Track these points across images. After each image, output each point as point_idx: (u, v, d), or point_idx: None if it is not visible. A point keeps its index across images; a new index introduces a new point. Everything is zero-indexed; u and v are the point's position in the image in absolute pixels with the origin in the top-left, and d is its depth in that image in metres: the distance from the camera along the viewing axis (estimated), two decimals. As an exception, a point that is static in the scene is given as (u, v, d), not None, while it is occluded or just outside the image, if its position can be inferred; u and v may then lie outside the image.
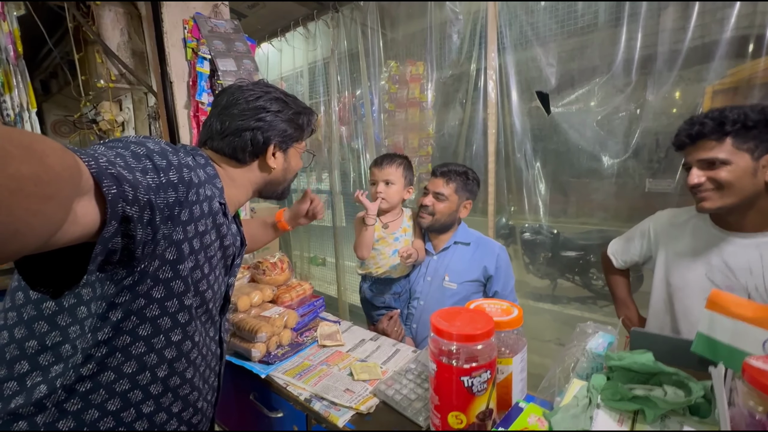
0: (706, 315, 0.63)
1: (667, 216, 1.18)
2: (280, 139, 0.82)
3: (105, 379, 0.63)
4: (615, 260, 1.31)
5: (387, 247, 1.48)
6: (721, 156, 0.92)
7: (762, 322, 0.56)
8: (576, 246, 3.20)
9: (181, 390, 0.72)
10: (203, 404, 0.80)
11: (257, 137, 0.79)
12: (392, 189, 1.45)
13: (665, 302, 1.11)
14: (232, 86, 0.83)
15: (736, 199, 0.93)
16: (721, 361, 0.61)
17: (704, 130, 0.94)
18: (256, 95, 0.80)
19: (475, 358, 0.68)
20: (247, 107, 0.79)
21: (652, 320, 1.16)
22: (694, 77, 1.55)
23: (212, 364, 0.82)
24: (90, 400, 0.62)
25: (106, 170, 0.46)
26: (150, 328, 0.65)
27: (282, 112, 0.81)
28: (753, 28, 1.40)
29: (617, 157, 1.77)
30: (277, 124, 0.81)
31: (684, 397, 0.55)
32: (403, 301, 1.53)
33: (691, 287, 1.04)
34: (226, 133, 0.78)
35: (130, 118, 1.81)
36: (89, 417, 0.63)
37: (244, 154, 0.79)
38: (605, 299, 3.15)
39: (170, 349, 0.68)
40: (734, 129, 0.91)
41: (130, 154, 0.54)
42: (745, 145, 0.91)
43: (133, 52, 1.69)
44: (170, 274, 0.63)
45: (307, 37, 2.83)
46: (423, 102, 2.59)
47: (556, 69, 1.79)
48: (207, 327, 0.78)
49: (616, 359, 0.63)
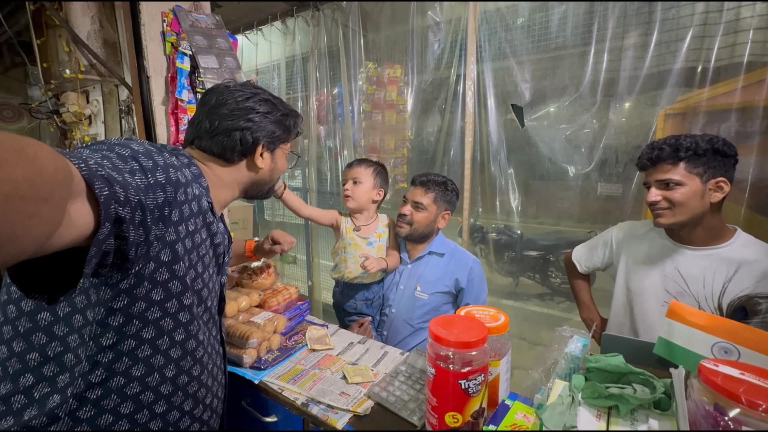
0: (666, 322, 0.74)
1: (627, 228, 1.31)
2: (268, 140, 0.83)
3: (115, 384, 0.63)
4: (579, 266, 1.44)
5: (359, 251, 1.47)
6: (675, 178, 1.06)
7: (711, 329, 0.67)
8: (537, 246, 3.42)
9: (190, 387, 0.74)
10: (213, 401, 0.81)
11: (246, 137, 0.80)
12: (360, 188, 1.45)
13: (624, 306, 1.25)
14: (219, 86, 0.83)
15: (687, 217, 1.07)
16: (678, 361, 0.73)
17: (662, 155, 1.07)
18: (245, 96, 0.81)
19: (470, 362, 0.74)
20: (236, 107, 0.79)
21: (613, 321, 1.30)
22: (649, 101, 1.73)
23: (218, 362, 0.83)
24: (102, 405, 0.63)
25: (97, 172, 0.46)
26: (153, 331, 0.65)
27: (271, 114, 0.83)
28: (699, 62, 1.60)
29: (582, 168, 1.93)
30: (265, 125, 0.82)
31: (650, 394, 0.65)
32: (376, 308, 1.53)
33: (648, 293, 1.18)
34: (215, 132, 0.78)
35: (99, 112, 1.69)
36: (104, 422, 0.63)
37: (233, 154, 0.80)
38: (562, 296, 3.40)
39: (175, 348, 0.69)
40: (687, 155, 1.05)
41: (116, 156, 0.54)
42: (696, 169, 1.05)
43: (104, 42, 1.58)
44: (167, 276, 0.64)
45: (285, 33, 2.78)
46: (400, 105, 2.65)
47: (530, 85, 1.92)
48: (209, 326, 0.80)
49: (593, 362, 0.73)
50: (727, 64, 1.55)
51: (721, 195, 1.05)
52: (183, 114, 1.61)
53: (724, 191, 1.05)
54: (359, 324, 1.43)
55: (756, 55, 1.49)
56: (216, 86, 0.84)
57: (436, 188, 1.45)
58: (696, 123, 1.62)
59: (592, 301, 1.46)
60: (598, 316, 1.43)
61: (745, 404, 0.51)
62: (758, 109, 1.52)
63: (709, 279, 1.08)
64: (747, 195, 1.54)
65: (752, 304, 0.99)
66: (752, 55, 1.49)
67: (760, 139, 1.52)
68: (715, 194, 1.05)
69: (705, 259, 1.10)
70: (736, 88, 1.53)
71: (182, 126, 1.59)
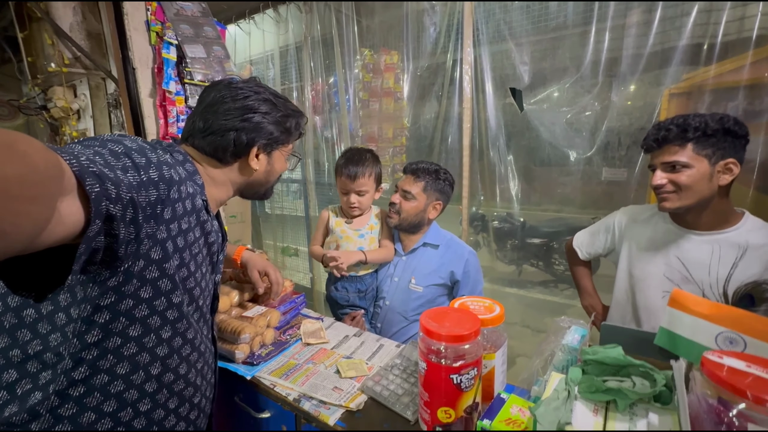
0: (668, 312, 0.70)
1: (630, 212, 1.27)
2: (265, 141, 0.81)
3: (98, 382, 0.63)
4: (580, 252, 1.40)
5: (351, 244, 1.45)
6: (683, 160, 1.00)
7: (716, 318, 0.63)
8: (540, 233, 3.38)
9: (176, 386, 0.73)
10: (201, 400, 0.80)
11: (241, 138, 0.78)
12: (365, 198, 1.43)
13: (627, 292, 1.22)
14: (221, 82, 0.81)
15: (693, 201, 1.02)
16: (680, 352, 0.69)
17: (669, 136, 1.02)
18: (244, 94, 0.78)
19: (462, 356, 0.72)
20: (233, 106, 0.77)
21: (615, 309, 1.26)
22: (653, 81, 1.66)
23: (209, 361, 0.82)
24: (85, 403, 0.62)
25: (88, 168, 0.46)
26: (140, 328, 0.65)
27: (270, 114, 0.80)
28: (705, 38, 1.52)
29: (583, 153, 1.87)
30: (263, 126, 0.80)
31: (650, 388, 0.62)
32: (369, 299, 1.51)
33: (651, 279, 1.14)
34: (208, 131, 0.77)
35: (86, 106, 1.66)
36: (86, 419, 0.62)
37: (225, 154, 0.78)
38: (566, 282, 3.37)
39: (162, 346, 0.68)
40: (695, 136, 0.99)
41: (109, 152, 0.54)
42: (704, 151, 0.99)
43: (88, 34, 1.54)
44: (156, 274, 0.63)
45: (277, 20, 2.71)
46: (398, 92, 2.58)
47: (530, 67, 1.85)
48: (200, 325, 0.78)
49: (590, 354, 0.70)
50: (735, 39, 1.47)
51: (730, 177, 1.00)
52: (171, 106, 1.57)
53: (734, 173, 1.00)
54: (351, 317, 1.41)
55: (766, 29, 1.41)
56: (217, 82, 0.82)
57: (426, 177, 1.40)
58: (702, 102, 1.56)
59: (593, 288, 1.43)
60: (599, 303, 1.40)
61: (751, 399, 0.48)
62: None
63: (714, 265, 1.04)
64: (755, 176, 1.49)
65: (760, 291, 0.95)
66: (762, 28, 1.42)
67: (769, 118, 1.45)
68: (723, 177, 1.00)
69: (710, 244, 1.05)
70: (744, 64, 1.46)
71: (171, 118, 1.56)
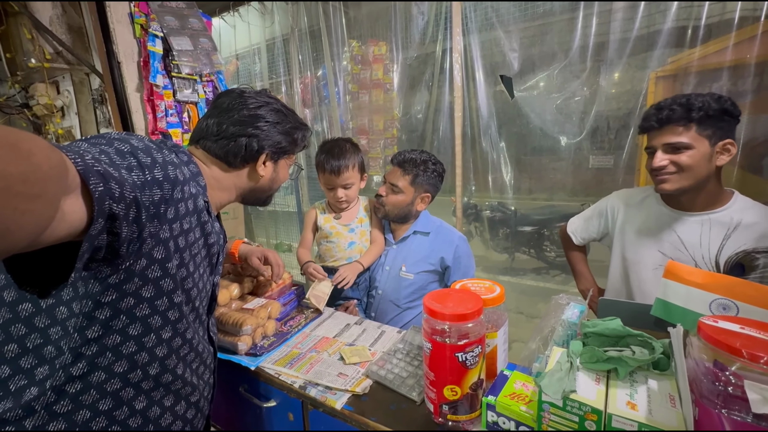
0: (663, 283, 0.73)
1: (623, 196, 1.28)
2: (273, 150, 0.85)
3: (96, 379, 0.62)
4: (575, 238, 1.42)
5: (342, 239, 1.46)
6: (686, 141, 0.99)
7: (709, 287, 0.66)
8: (531, 221, 3.43)
9: (173, 385, 0.73)
10: (198, 399, 0.80)
11: (252, 144, 0.81)
12: (352, 190, 1.43)
13: (621, 275, 1.24)
14: (234, 90, 0.86)
15: (693, 182, 1.02)
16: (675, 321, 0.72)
17: (673, 116, 1.00)
18: (257, 104, 0.83)
19: (466, 335, 0.73)
20: (247, 114, 0.81)
21: (610, 291, 1.29)
22: (640, 64, 1.69)
23: (207, 361, 0.82)
24: (81, 401, 0.62)
25: (93, 167, 0.45)
26: (140, 327, 0.65)
27: (280, 124, 0.85)
28: (690, 20, 1.55)
29: (573, 138, 1.90)
30: (273, 135, 0.84)
31: (649, 355, 0.64)
32: (362, 290, 1.51)
33: (645, 261, 1.16)
34: (221, 135, 0.80)
35: (71, 102, 1.62)
36: (81, 417, 0.62)
37: (236, 159, 0.81)
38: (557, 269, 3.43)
39: (161, 346, 0.69)
40: (699, 116, 0.98)
41: (114, 151, 0.54)
42: (706, 131, 0.99)
43: (69, 27, 1.49)
44: (159, 273, 0.63)
45: (263, 12, 2.67)
46: (387, 84, 2.57)
47: (519, 54, 1.86)
48: (196, 326, 0.78)
49: (590, 326, 0.72)
50: (718, 21, 1.50)
51: (727, 157, 1.00)
52: (159, 100, 1.54)
53: (731, 153, 1.00)
54: (344, 308, 1.42)
55: (748, 10, 1.44)
56: (231, 90, 0.86)
57: (414, 169, 1.37)
58: (687, 84, 1.59)
59: (589, 271, 1.45)
60: (595, 285, 1.42)
61: (746, 357, 0.50)
62: (750, 67, 1.48)
63: (705, 242, 1.06)
64: (739, 155, 1.53)
65: (750, 260, 0.98)
66: (744, 9, 1.45)
67: (752, 97, 1.49)
68: (721, 157, 1.00)
69: (703, 224, 1.07)
70: (727, 45, 1.50)
71: (159, 113, 1.53)
